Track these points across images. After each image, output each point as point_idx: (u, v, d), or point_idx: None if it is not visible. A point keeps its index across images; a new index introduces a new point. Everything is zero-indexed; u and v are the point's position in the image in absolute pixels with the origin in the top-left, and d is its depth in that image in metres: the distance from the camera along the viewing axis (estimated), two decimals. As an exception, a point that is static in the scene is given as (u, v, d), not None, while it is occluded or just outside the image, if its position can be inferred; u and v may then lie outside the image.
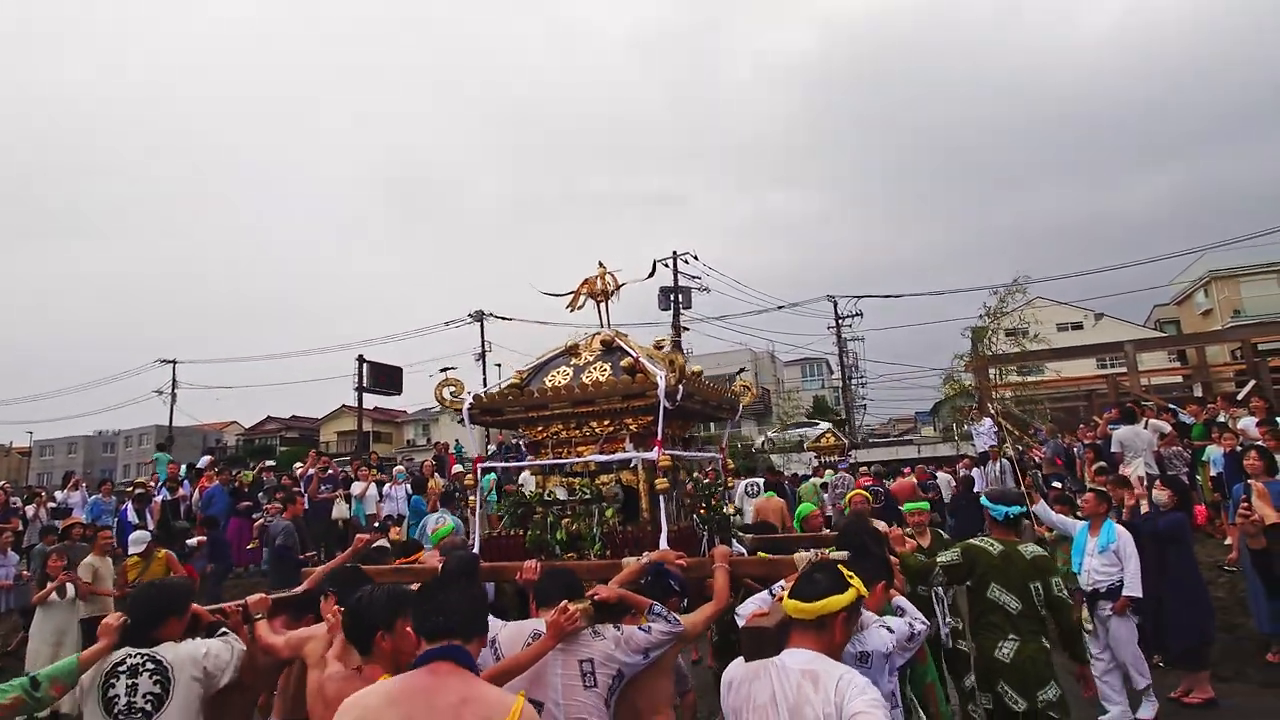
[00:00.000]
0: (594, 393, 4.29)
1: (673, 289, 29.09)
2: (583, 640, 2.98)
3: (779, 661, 2.37)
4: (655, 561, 3.52)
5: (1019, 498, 4.62)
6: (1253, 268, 33.46)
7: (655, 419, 4.14)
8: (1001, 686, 3.90)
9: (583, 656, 2.94)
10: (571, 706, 2.88)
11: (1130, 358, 16.96)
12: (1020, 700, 3.81)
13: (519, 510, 4.50)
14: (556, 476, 4.50)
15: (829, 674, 2.25)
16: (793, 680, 2.28)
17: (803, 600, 2.37)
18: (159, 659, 2.89)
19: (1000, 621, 3.98)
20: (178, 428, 39.86)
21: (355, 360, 30.68)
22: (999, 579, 3.99)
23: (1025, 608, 3.94)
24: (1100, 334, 35.18)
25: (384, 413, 53.79)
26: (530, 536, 4.27)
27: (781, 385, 46.52)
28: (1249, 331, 20.68)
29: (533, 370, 4.79)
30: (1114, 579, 5.73)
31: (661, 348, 4.85)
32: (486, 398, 4.69)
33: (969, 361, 19.82)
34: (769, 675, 2.34)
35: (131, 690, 2.81)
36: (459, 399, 4.66)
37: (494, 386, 4.88)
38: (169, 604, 3.06)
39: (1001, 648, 3.93)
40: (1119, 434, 9.42)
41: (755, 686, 2.37)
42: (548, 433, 4.59)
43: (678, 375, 4.06)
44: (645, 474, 4.26)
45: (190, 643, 3.04)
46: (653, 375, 4.12)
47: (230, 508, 11.89)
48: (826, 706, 2.19)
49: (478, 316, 33.55)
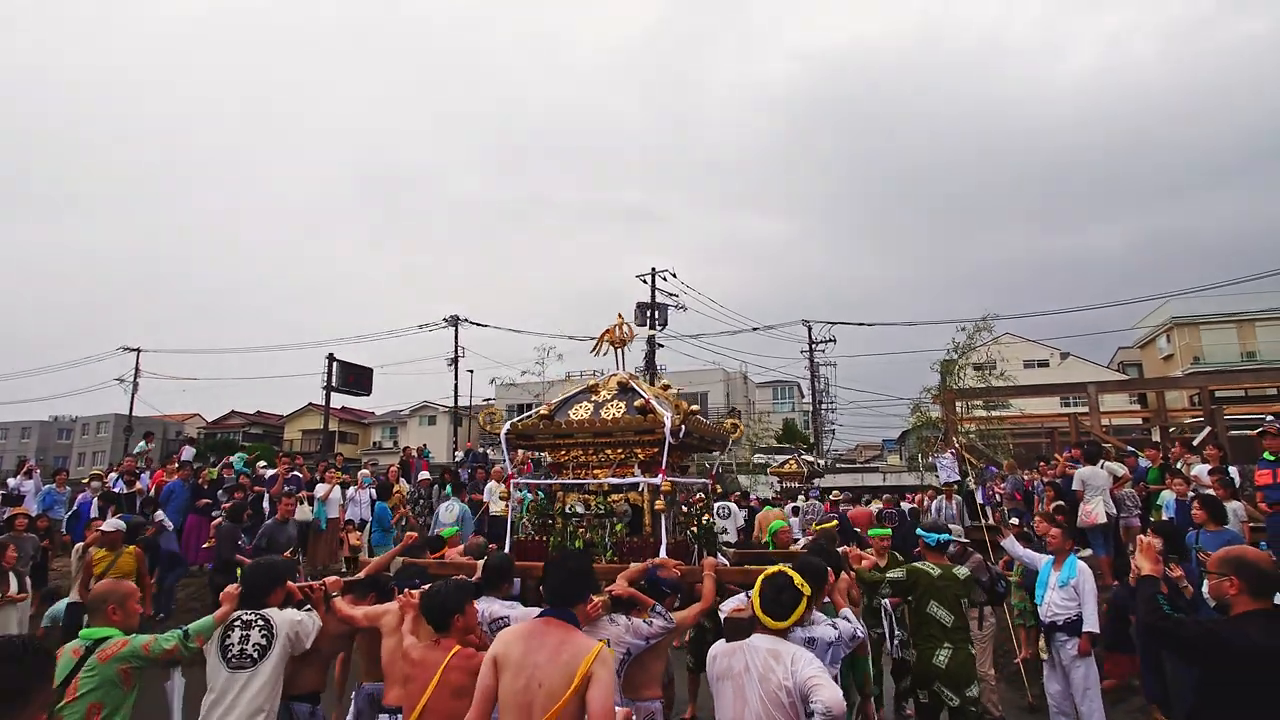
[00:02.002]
0: (612, 426, 5.22)
1: (650, 305, 29.23)
2: (602, 624, 3.82)
3: (751, 643, 3.23)
4: (656, 564, 4.42)
5: (946, 527, 5.51)
6: (1213, 316, 34.47)
7: (661, 450, 5.04)
8: (938, 686, 4.82)
9: (601, 637, 3.62)
10: None
11: (1092, 398, 17.34)
12: (954, 698, 4.78)
13: (539, 520, 5.40)
14: (575, 494, 5.32)
15: (787, 652, 3.13)
16: (761, 656, 3.15)
17: (774, 619, 3.23)
18: (268, 619, 3.68)
19: (937, 633, 4.89)
20: (138, 418, 39.00)
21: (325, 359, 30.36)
22: (936, 596, 4.92)
23: (956, 620, 4.90)
24: (1066, 373, 35.93)
25: (351, 413, 53.14)
26: (552, 543, 5.11)
27: (753, 407, 46.79)
28: (1207, 379, 21.31)
29: (559, 404, 5.64)
30: (1072, 613, 5.88)
31: (668, 389, 5.74)
32: (522, 425, 5.55)
33: (936, 394, 20.13)
34: (744, 652, 3.21)
35: (244, 640, 3.60)
36: (498, 425, 5.55)
37: (529, 415, 5.77)
38: (278, 578, 3.85)
39: (938, 655, 4.85)
40: (1081, 473, 9.61)
41: (734, 660, 3.23)
42: (569, 456, 5.45)
43: (682, 416, 5.03)
44: (650, 495, 5.09)
45: (289, 610, 3.82)
46: (661, 415, 5.01)
47: (189, 504, 11.65)
48: (785, 675, 3.05)
49: (453, 321, 33.39)
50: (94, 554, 7.46)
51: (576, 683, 2.72)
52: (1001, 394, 19.56)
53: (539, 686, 2.76)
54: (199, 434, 52.25)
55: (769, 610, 3.25)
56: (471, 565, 4.92)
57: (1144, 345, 39.70)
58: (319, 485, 12.44)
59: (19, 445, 55.97)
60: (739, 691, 3.15)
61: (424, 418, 52.39)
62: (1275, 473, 7.48)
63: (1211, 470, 8.12)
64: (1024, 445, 18.05)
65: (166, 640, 3.38)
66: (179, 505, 11.49)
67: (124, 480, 12.20)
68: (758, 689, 3.09)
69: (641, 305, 29.16)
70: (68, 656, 3.17)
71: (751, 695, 3.10)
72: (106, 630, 3.32)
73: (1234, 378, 26.25)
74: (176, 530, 11.37)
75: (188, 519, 11.48)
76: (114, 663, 3.18)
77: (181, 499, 11.60)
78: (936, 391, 20.21)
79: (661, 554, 4.72)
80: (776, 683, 3.04)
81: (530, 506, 5.60)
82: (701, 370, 39.89)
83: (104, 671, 3.15)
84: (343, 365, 30.63)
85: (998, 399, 19.81)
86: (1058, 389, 24.24)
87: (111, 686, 3.15)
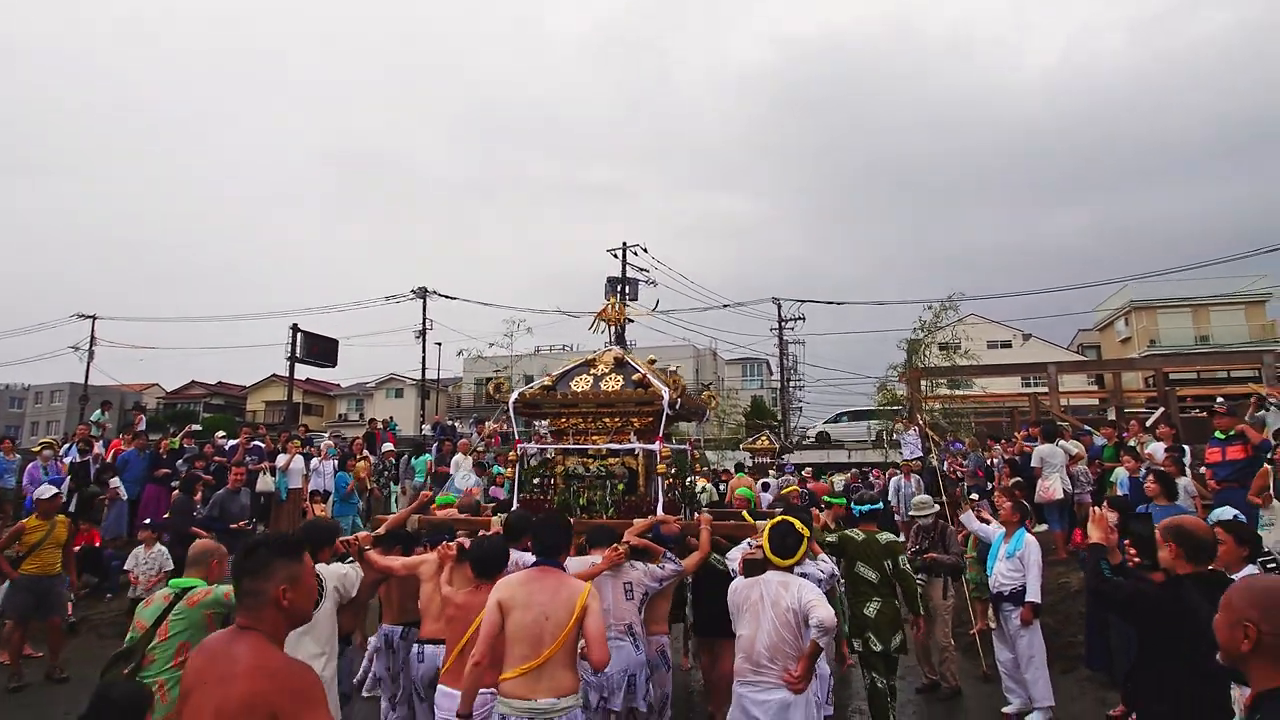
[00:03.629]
0: (614, 398, 5.75)
1: (620, 280, 29.10)
2: (625, 569, 4.63)
3: (765, 578, 4.09)
4: (659, 521, 5.11)
5: (874, 499, 6.18)
6: (1170, 301, 35.31)
7: (656, 420, 5.67)
8: (867, 634, 5.49)
9: (626, 580, 4.63)
10: (620, 610, 4.54)
11: (1052, 378, 17.71)
12: (879, 644, 5.45)
13: (533, 480, 5.90)
14: (574, 457, 5.83)
15: (794, 583, 4.02)
16: (773, 587, 4.01)
17: (783, 558, 4.09)
18: (319, 574, 3.79)
19: (866, 589, 5.58)
20: (94, 387, 37.94)
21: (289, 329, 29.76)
22: (862, 558, 5.61)
23: (881, 578, 5.56)
24: (1027, 353, 36.67)
25: (316, 385, 52.32)
26: (558, 501, 5.60)
27: (722, 383, 47.03)
28: (1162, 361, 21.89)
29: (559, 376, 6.11)
30: (1017, 583, 6.09)
31: (654, 363, 6.32)
32: (529, 394, 6.02)
33: (903, 372, 20.37)
34: (759, 584, 4.08)
35: None
36: (506, 394, 6.03)
37: (533, 385, 6.24)
38: (329, 537, 4.37)
39: (867, 607, 5.54)
40: (1040, 450, 9.83)
41: (751, 591, 4.08)
42: (569, 424, 5.96)
43: (679, 391, 5.68)
44: (644, 459, 5.69)
45: (337, 564, 4.25)
46: (659, 389, 5.59)
47: (147, 474, 11.39)
48: (792, 600, 3.91)
49: (421, 293, 32.93)
50: (28, 522, 7.34)
51: (577, 614, 3.43)
52: (965, 373, 19.85)
53: (546, 619, 3.42)
54: (158, 404, 51.10)
55: (778, 552, 4.09)
56: (485, 521, 5.46)
57: (1103, 328, 40.59)
58: (280, 456, 12.26)
59: (-32, 413, 54.29)
60: (755, 616, 4.00)
61: (391, 390, 51.79)
62: (1225, 451, 7.70)
63: (1166, 449, 8.34)
64: (985, 424, 18.36)
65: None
66: (135, 475, 11.23)
67: (78, 449, 11.87)
68: (770, 613, 3.93)
69: (612, 280, 28.96)
70: (158, 602, 3.64)
71: (765, 618, 3.94)
72: (193, 580, 3.78)
73: (1188, 360, 27.04)
74: (133, 501, 11.16)
75: (145, 489, 11.22)
76: (201, 608, 3.59)
77: (138, 469, 11.34)
78: (902, 369, 20.46)
79: (659, 512, 5.31)
80: (785, 606, 3.90)
81: (529, 467, 6.05)
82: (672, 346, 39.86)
83: (191, 615, 3.55)
84: (307, 336, 30.00)
85: (961, 377, 20.12)
86: (1019, 369, 24.73)
87: (198, 629, 3.49)
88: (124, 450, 11.81)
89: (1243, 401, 9.37)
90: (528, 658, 3.39)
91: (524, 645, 3.39)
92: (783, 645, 3.89)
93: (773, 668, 3.89)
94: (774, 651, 3.89)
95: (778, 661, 3.88)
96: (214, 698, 2.09)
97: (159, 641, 3.48)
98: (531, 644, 3.39)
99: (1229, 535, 3.60)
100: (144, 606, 3.69)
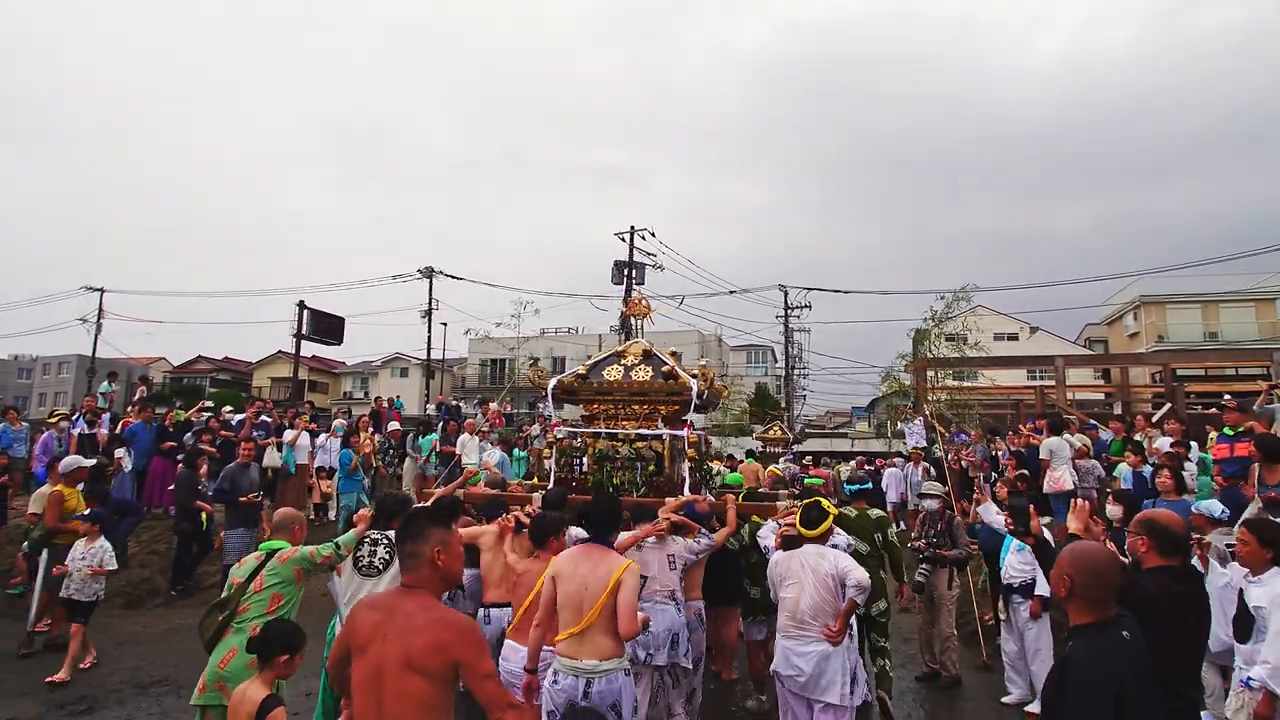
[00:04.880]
0: (646, 387, 6.28)
1: (627, 264, 29.01)
2: (669, 543, 5.12)
3: (802, 550, 4.64)
4: (691, 500, 5.65)
5: (863, 479, 6.77)
6: (1180, 296, 35.03)
7: (683, 409, 6.32)
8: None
9: (670, 551, 5.09)
10: (665, 578, 5.02)
11: (1060, 372, 17.63)
12: (862, 609, 5.60)
13: (562, 460, 6.49)
14: (605, 440, 6.36)
15: (830, 553, 4.61)
16: (811, 557, 4.57)
17: (809, 528, 4.67)
18: (389, 538, 4.51)
19: (857, 560, 5.68)
20: (101, 359, 38.06)
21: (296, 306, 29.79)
22: (855, 532, 5.83)
23: (871, 550, 5.95)
24: (1034, 346, 36.53)
25: (322, 362, 52.45)
26: (591, 480, 6.22)
27: (727, 370, 46.99)
28: (1170, 356, 21.77)
29: (591, 365, 6.65)
30: (1028, 576, 6.12)
31: (676, 354, 6.87)
32: (566, 382, 6.56)
33: (910, 362, 20.31)
34: (798, 555, 4.63)
35: (371, 554, 4.54)
36: (545, 379, 6.62)
37: (569, 374, 6.74)
38: (403, 507, 4.63)
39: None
40: (1048, 442, 9.82)
41: (791, 562, 4.64)
42: (601, 410, 6.50)
43: (707, 383, 6.19)
44: (670, 444, 6.24)
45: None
46: (687, 380, 6.14)
47: (154, 447, 11.45)
48: (830, 566, 4.49)
49: (428, 273, 32.82)
50: (65, 491, 7.59)
51: (611, 586, 3.82)
52: (973, 364, 19.76)
53: (585, 589, 3.86)
54: (164, 378, 51.30)
55: (807, 525, 4.69)
56: (528, 496, 6.02)
57: (1111, 322, 40.33)
58: (287, 431, 12.30)
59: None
60: (798, 582, 4.54)
61: (396, 369, 51.90)
62: (1233, 447, 7.66)
63: (1174, 443, 8.32)
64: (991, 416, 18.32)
65: (325, 549, 4.34)
66: (142, 447, 11.29)
67: (86, 420, 11.93)
68: (811, 578, 4.49)
69: (619, 263, 28.88)
70: (250, 562, 4.23)
71: (807, 582, 4.50)
72: (280, 543, 4.37)
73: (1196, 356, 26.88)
74: (139, 473, 11.23)
75: (152, 461, 11.29)
76: (290, 564, 4.19)
77: (144, 441, 11.39)
78: (910, 359, 20.39)
79: (685, 492, 5.91)
80: (825, 572, 4.48)
81: (561, 449, 6.56)
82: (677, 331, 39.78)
83: (282, 571, 4.16)
84: (314, 313, 30.06)
85: (968, 369, 20.04)
86: (1027, 361, 24.64)
87: (288, 583, 4.16)
88: (132, 422, 11.86)
89: (1251, 398, 9.31)
90: (571, 624, 3.88)
91: (569, 612, 3.89)
92: (824, 605, 4.45)
93: (814, 624, 4.45)
94: (816, 610, 4.45)
95: (819, 619, 4.44)
96: (398, 646, 2.40)
97: (254, 593, 4.06)
98: (574, 611, 3.87)
99: (1252, 536, 3.57)
100: (237, 566, 4.27)
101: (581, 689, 3.79)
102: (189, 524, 9.40)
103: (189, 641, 6.11)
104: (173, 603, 9.38)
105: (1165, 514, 3.50)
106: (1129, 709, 2.18)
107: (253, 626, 3.83)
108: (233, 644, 3.90)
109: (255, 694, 3.31)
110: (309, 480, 12.19)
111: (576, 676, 3.81)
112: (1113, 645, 2.32)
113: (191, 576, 9.73)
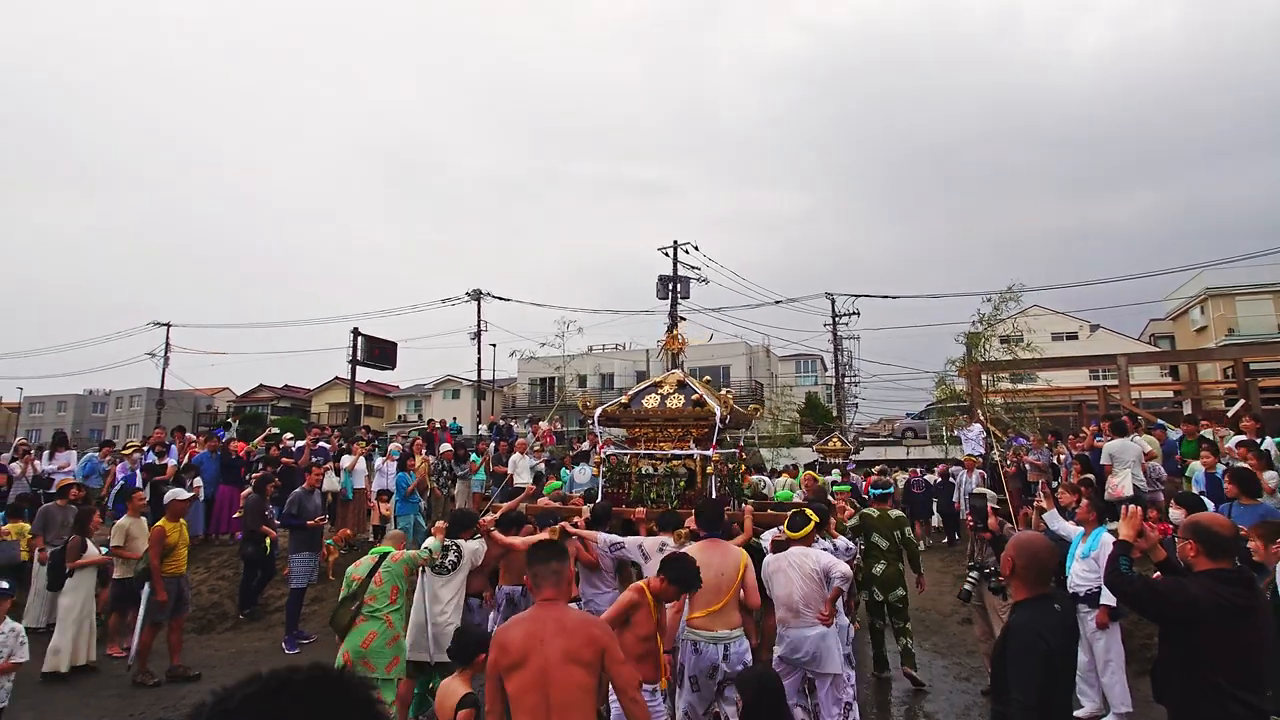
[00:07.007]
0: (677, 414, 7.14)
1: (672, 278, 29.04)
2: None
3: (789, 551, 5.34)
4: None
5: (885, 484, 8.05)
6: (1249, 287, 33.51)
7: (711, 432, 7.00)
8: (873, 587, 7.27)
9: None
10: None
11: (1122, 370, 17.04)
12: (881, 595, 7.23)
13: (616, 478, 7.27)
14: (645, 460, 7.15)
15: (812, 552, 5.34)
16: (796, 556, 5.27)
17: (793, 531, 5.42)
18: (460, 546, 5.90)
19: (876, 554, 7.31)
20: (169, 391, 39.70)
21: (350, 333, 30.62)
22: (877, 530, 7.32)
23: (891, 546, 7.26)
24: (1095, 345, 35.29)
25: (376, 387, 53.65)
26: (632, 494, 7.06)
27: (775, 380, 46.57)
28: (1241, 351, 20.79)
29: (633, 395, 7.57)
30: (1093, 584, 5.89)
31: (709, 382, 7.81)
32: (610, 410, 7.43)
33: (962, 366, 19.83)
34: (786, 556, 5.31)
35: (443, 557, 5.80)
36: (592, 409, 7.46)
37: (611, 403, 7.61)
38: (470, 522, 6.14)
39: (875, 567, 7.27)
40: (1109, 446, 9.45)
41: (780, 561, 5.30)
42: (641, 433, 7.34)
43: (727, 409, 7.06)
44: (701, 462, 7.00)
45: (473, 540, 6.00)
46: (712, 407, 6.95)
47: (218, 476, 11.87)
48: (814, 562, 5.21)
49: (475, 296, 33.40)
50: (166, 525, 7.48)
51: (741, 571, 4.84)
52: (1028, 366, 19.18)
53: (721, 575, 4.76)
54: (228, 407, 53.12)
55: (791, 529, 5.43)
56: (577, 509, 6.79)
57: (1176, 317, 38.81)
58: (345, 456, 12.61)
59: (55, 418, 57.32)
60: (786, 577, 5.20)
61: (448, 391, 52.77)
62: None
63: (1241, 442, 7.94)
64: (1051, 418, 17.77)
65: (423, 553, 5.72)
66: (208, 477, 11.70)
67: (154, 452, 12.41)
68: (797, 574, 5.18)
69: (663, 278, 28.90)
70: (366, 562, 5.51)
71: (794, 576, 5.18)
72: (388, 548, 5.69)
73: (1270, 350, 25.63)
74: (208, 501, 11.64)
75: (219, 489, 11.70)
76: (401, 563, 5.51)
77: (210, 471, 11.81)
78: (962, 364, 19.91)
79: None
80: (809, 567, 5.18)
81: (610, 467, 7.32)
82: (724, 344, 39.65)
83: (395, 569, 5.46)
84: (367, 339, 30.88)
85: (1025, 371, 19.47)
86: (1086, 361, 23.78)
87: (401, 578, 5.47)
88: (198, 452, 12.31)
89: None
90: (711, 603, 4.72)
91: (708, 594, 4.68)
92: (812, 595, 5.13)
93: (808, 612, 5.11)
94: (806, 599, 5.13)
95: (811, 607, 5.12)
96: (558, 645, 2.98)
97: (375, 586, 5.33)
98: (714, 593, 4.71)
99: None
100: (355, 566, 5.51)
101: (721, 653, 4.67)
102: (253, 548, 9.69)
103: (257, 664, 6.28)
104: (240, 626, 9.68)
105: (1211, 516, 3.59)
106: (1052, 663, 2.70)
107: (385, 616, 5.27)
108: (371, 629, 5.18)
109: (458, 689, 3.99)
110: (368, 503, 12.47)
111: (716, 644, 4.68)
112: (1044, 616, 2.83)
113: (257, 601, 10.02)
